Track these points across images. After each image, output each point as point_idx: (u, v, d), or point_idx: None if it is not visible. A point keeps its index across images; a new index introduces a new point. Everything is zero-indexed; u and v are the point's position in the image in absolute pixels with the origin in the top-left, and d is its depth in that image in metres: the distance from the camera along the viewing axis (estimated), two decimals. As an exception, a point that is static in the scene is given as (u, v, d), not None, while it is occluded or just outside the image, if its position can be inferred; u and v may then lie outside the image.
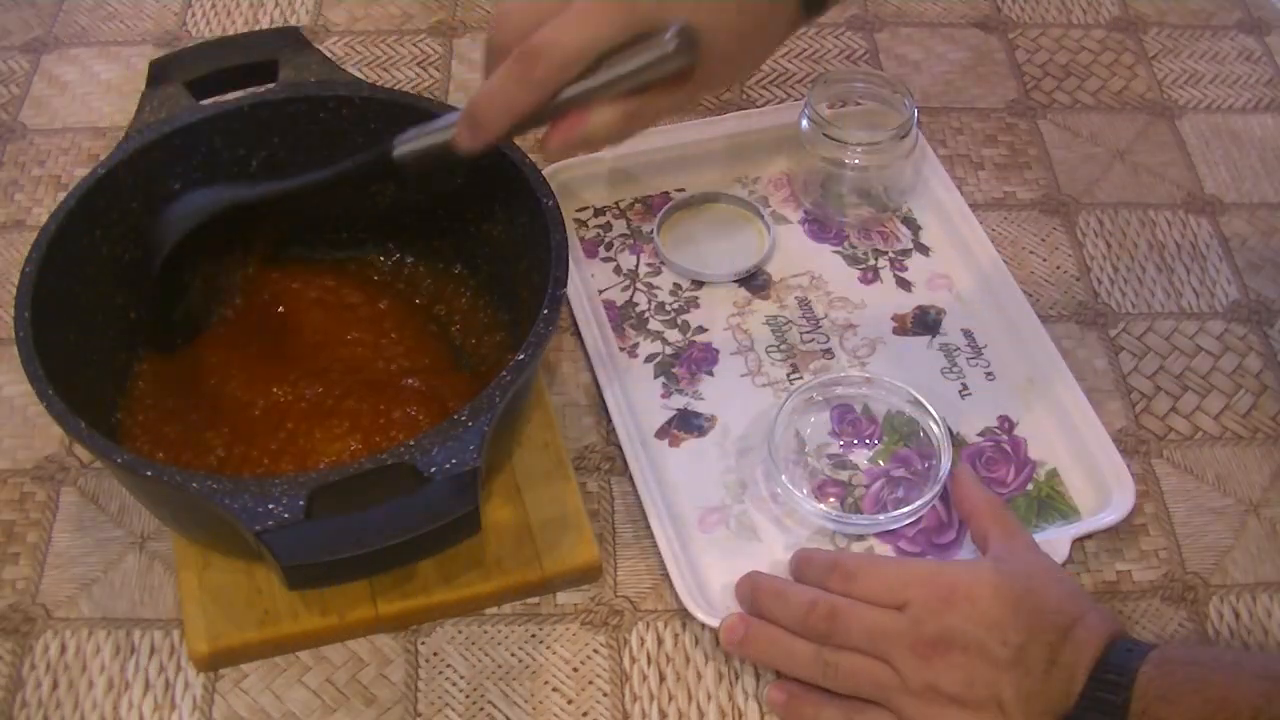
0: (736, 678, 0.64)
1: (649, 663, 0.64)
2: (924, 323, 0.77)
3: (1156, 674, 0.55)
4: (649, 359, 0.75)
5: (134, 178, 0.67)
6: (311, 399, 0.67)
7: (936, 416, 0.70)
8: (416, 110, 0.68)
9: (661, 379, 0.74)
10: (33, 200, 0.84)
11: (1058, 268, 0.81)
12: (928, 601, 0.58)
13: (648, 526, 0.67)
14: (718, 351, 0.76)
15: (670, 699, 0.63)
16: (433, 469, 0.54)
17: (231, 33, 0.94)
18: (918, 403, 0.71)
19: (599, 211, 0.83)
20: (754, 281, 0.79)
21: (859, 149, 0.78)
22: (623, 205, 0.83)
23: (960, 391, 0.74)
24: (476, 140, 0.57)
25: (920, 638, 0.58)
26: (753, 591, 0.63)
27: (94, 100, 0.90)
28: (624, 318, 0.77)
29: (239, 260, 0.72)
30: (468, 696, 0.63)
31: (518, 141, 0.67)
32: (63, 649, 0.64)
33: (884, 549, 0.68)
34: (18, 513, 0.69)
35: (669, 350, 0.76)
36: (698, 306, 0.78)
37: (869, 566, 0.62)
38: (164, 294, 0.68)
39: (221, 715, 0.62)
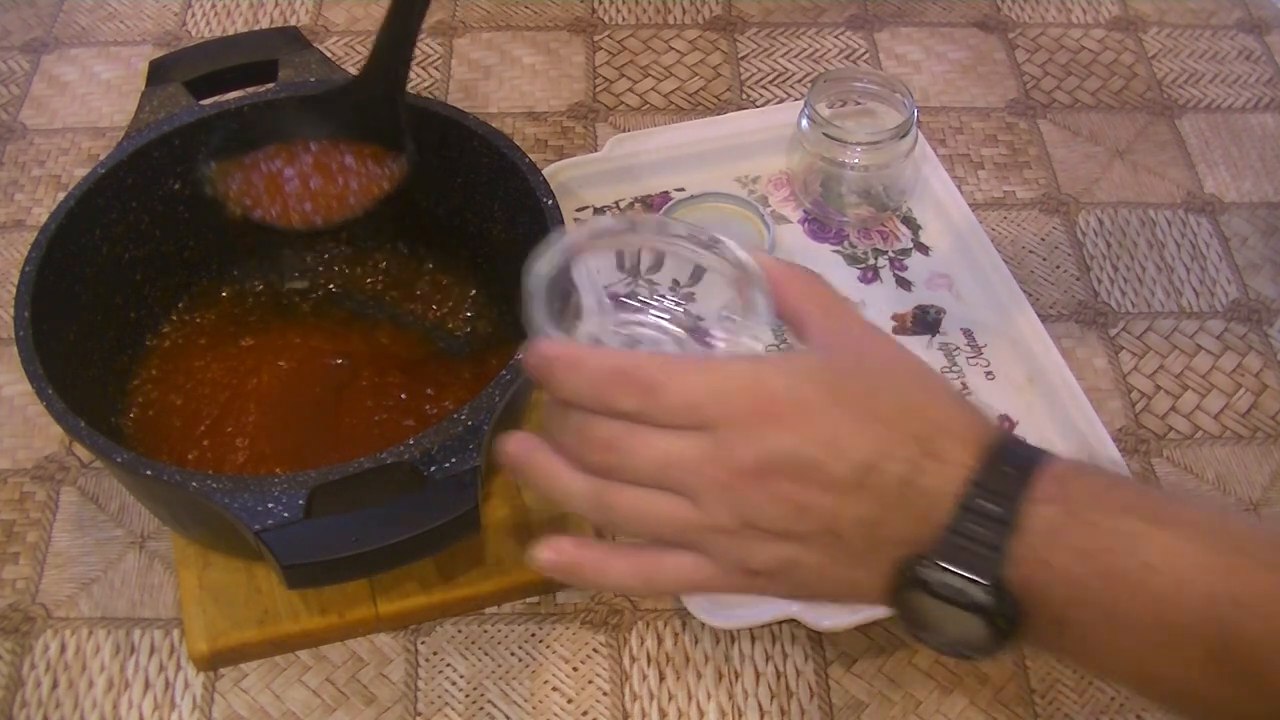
0: (737, 677, 0.63)
1: (649, 662, 0.64)
2: (924, 322, 0.77)
3: (1061, 520, 0.41)
4: (649, 358, 0.75)
5: (134, 178, 0.67)
6: (310, 398, 0.67)
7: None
8: (415, 110, 0.68)
9: (661, 378, 0.74)
10: (33, 200, 0.84)
11: (1058, 267, 0.81)
12: (743, 418, 0.43)
13: (648, 526, 0.67)
14: (718, 351, 0.76)
15: (670, 698, 0.63)
16: (432, 468, 0.54)
17: (231, 33, 0.94)
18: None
19: (599, 211, 0.83)
20: (754, 281, 0.79)
21: (859, 148, 0.78)
22: (622, 205, 0.83)
23: (960, 391, 0.74)
24: None
25: (733, 466, 0.43)
26: (545, 411, 0.48)
27: (94, 100, 0.90)
28: (624, 317, 0.77)
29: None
30: (468, 696, 0.63)
31: (517, 141, 0.67)
32: (63, 648, 0.64)
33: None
34: (18, 512, 0.69)
35: (669, 350, 0.76)
36: (698, 306, 0.78)
37: (671, 376, 0.44)
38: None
39: (221, 714, 0.62)
